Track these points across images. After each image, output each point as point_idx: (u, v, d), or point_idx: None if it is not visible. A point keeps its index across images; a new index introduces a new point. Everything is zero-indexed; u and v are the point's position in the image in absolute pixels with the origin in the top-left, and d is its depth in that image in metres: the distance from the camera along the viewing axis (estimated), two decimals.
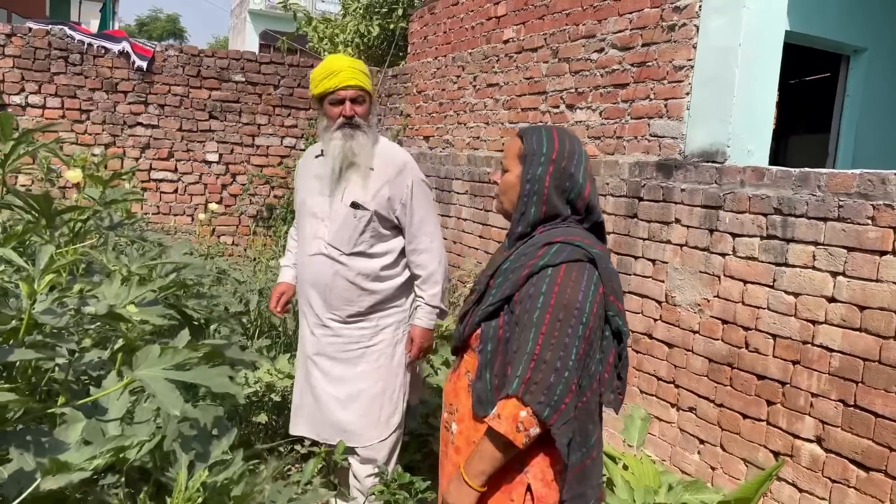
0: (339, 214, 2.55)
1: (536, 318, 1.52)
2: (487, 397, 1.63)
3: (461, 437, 1.71)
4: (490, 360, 1.63)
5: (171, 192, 6.84)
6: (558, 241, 1.61)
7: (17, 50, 6.11)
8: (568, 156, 1.67)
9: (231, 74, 6.86)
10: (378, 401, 2.58)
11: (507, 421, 1.50)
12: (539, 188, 1.65)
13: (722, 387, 3.14)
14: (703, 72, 3.63)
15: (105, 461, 1.06)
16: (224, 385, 1.31)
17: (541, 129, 1.72)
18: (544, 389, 1.48)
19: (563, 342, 1.50)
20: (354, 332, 2.57)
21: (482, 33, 5.65)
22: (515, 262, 1.64)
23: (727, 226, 3.13)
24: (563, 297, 1.52)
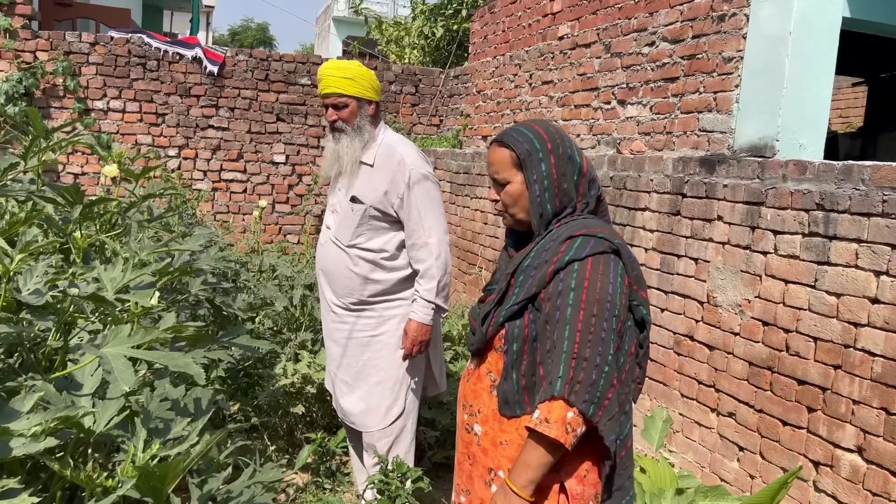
0: (342, 208, 2.68)
1: (570, 316, 1.49)
2: (515, 398, 1.60)
3: (486, 439, 1.68)
4: (516, 360, 1.60)
5: (240, 192, 7.10)
6: (580, 234, 1.58)
7: (99, 58, 6.50)
8: (560, 141, 1.65)
9: (297, 78, 7.06)
10: (378, 390, 2.63)
11: (556, 424, 1.46)
12: (549, 183, 1.62)
13: (762, 392, 2.99)
14: (753, 63, 3.47)
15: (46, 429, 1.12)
16: (185, 366, 1.35)
17: (521, 130, 1.67)
18: (588, 387, 1.46)
19: (600, 337, 1.48)
20: (360, 321, 2.65)
21: (538, 30, 5.60)
22: (537, 259, 1.61)
23: (769, 223, 2.98)
24: (594, 292, 1.50)
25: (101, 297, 1.49)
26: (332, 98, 2.61)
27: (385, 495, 2.10)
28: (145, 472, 1.09)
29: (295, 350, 3.83)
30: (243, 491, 1.40)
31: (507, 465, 1.62)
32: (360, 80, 2.60)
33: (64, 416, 1.13)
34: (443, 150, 6.74)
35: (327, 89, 2.60)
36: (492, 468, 1.67)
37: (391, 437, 2.65)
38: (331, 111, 2.63)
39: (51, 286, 1.54)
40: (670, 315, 3.56)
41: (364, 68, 2.66)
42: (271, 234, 7.23)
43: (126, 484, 1.10)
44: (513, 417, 1.61)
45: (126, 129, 6.66)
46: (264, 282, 4.20)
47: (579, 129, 4.88)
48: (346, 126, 2.62)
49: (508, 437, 1.63)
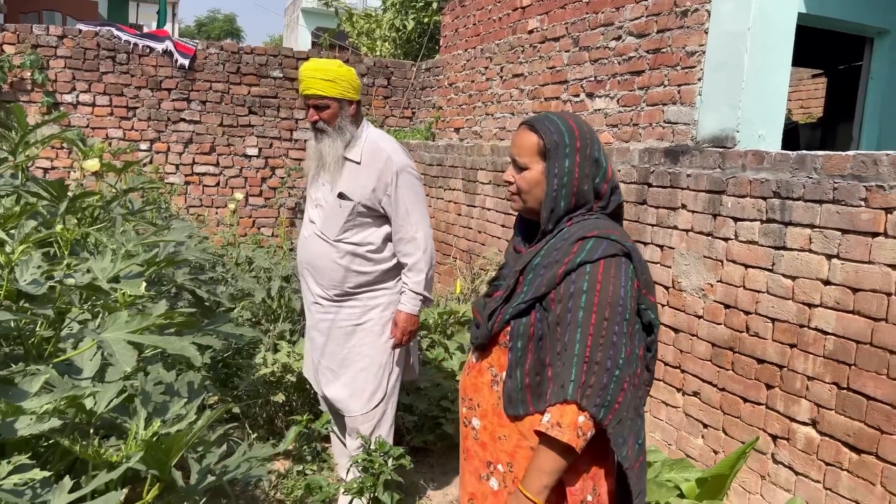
0: (329, 204, 2.74)
1: (582, 319, 1.49)
2: (518, 396, 1.60)
3: (485, 433, 1.68)
4: (521, 357, 1.59)
5: (213, 186, 7.11)
6: (592, 235, 1.56)
7: (68, 51, 6.45)
8: (590, 142, 1.62)
9: (269, 70, 7.08)
10: (362, 376, 2.73)
11: (569, 429, 1.46)
12: (569, 181, 1.59)
13: (724, 371, 3.14)
14: (715, 57, 3.62)
15: (56, 406, 1.19)
16: (181, 349, 1.43)
17: (555, 120, 1.64)
18: (599, 391, 1.46)
19: (612, 341, 1.47)
20: (345, 311, 2.74)
21: (508, 24, 5.71)
22: (547, 258, 1.59)
23: (729, 210, 3.13)
24: (605, 295, 1.49)
25: (97, 287, 1.56)
26: (313, 99, 2.66)
27: (369, 472, 2.20)
28: (151, 445, 1.17)
29: (274, 340, 3.90)
30: (240, 464, 1.49)
31: (507, 459, 1.63)
32: (341, 81, 2.65)
33: (72, 395, 1.21)
34: (416, 143, 6.82)
35: (308, 91, 2.65)
36: (490, 462, 1.67)
37: (374, 421, 2.75)
38: (312, 112, 2.68)
39: (47, 276, 1.60)
40: None
41: (345, 68, 2.70)
42: (245, 227, 7.26)
43: (134, 457, 1.19)
44: (515, 417, 1.60)
45: (96, 122, 6.63)
46: (242, 274, 4.25)
47: None
48: (327, 127, 2.68)
49: (507, 432, 1.63)
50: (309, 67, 2.68)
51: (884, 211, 2.47)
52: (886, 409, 2.45)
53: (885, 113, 4.06)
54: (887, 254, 2.45)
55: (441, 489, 3.35)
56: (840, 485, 2.61)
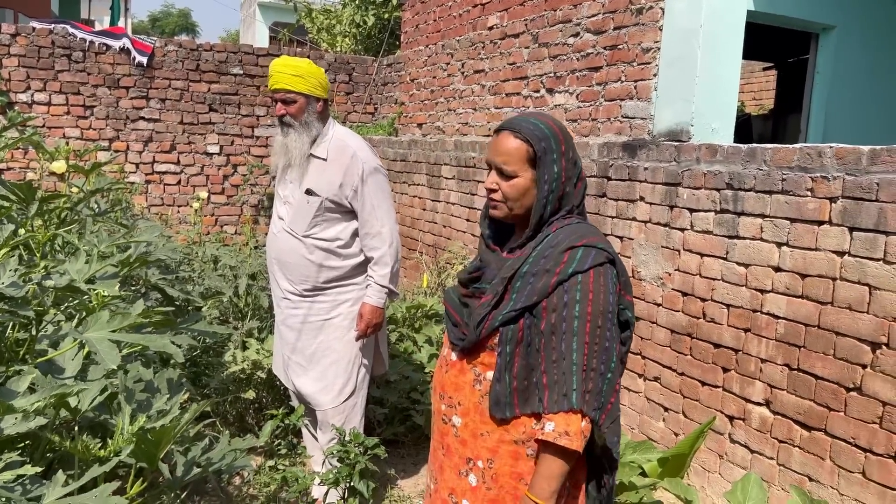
0: (296, 200, 2.79)
1: (577, 328, 1.54)
2: (506, 399, 1.62)
3: (466, 430, 1.70)
4: (509, 362, 1.61)
5: (174, 184, 7.05)
6: (581, 244, 1.59)
7: (21, 49, 6.33)
8: (569, 143, 1.65)
9: (229, 67, 7.04)
10: (332, 370, 2.79)
11: (576, 437, 1.51)
12: (557, 186, 1.62)
13: (683, 356, 3.27)
14: (669, 53, 3.74)
15: (45, 404, 1.23)
16: (162, 346, 1.48)
17: (538, 124, 1.64)
18: (596, 395, 1.52)
19: (605, 347, 1.54)
20: (314, 306, 2.79)
21: (469, 20, 5.78)
22: (535, 266, 1.61)
23: (685, 202, 3.26)
24: (598, 304, 1.55)
25: (76, 288, 1.59)
26: (280, 94, 2.73)
27: (345, 463, 2.26)
28: (141, 438, 1.22)
29: (242, 338, 3.92)
30: (225, 455, 1.53)
31: (487, 456, 1.66)
32: (310, 77, 2.73)
33: (59, 393, 1.25)
34: (379, 138, 6.86)
35: (277, 85, 2.72)
36: (470, 458, 1.70)
37: (344, 414, 2.81)
38: (279, 106, 2.75)
39: (25, 279, 1.63)
40: None
41: (315, 67, 2.78)
42: (208, 225, 7.21)
43: (125, 450, 1.23)
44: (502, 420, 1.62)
45: (53, 122, 6.52)
46: (208, 272, 4.26)
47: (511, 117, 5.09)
48: (293, 121, 2.74)
49: (489, 429, 1.65)
50: (279, 62, 2.75)
51: (828, 200, 2.61)
52: (834, 388, 2.60)
53: (830, 106, 4.24)
54: (832, 241, 2.59)
55: (411, 478, 3.42)
56: (792, 460, 2.75)
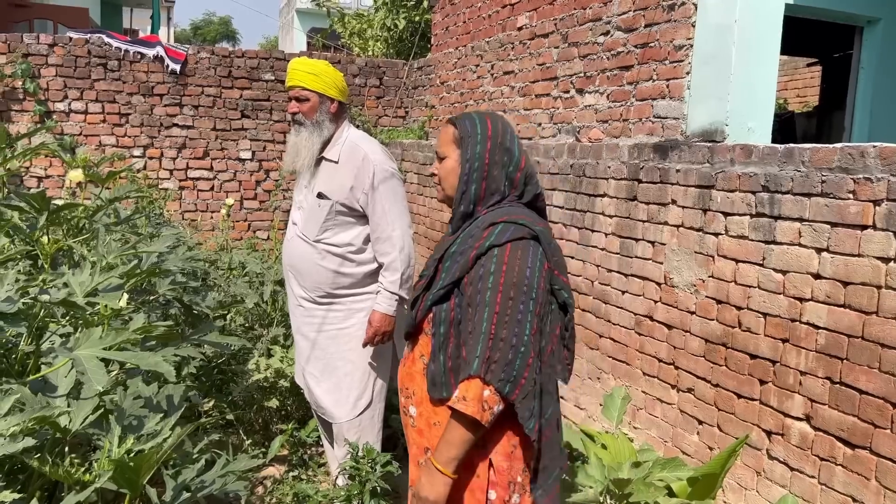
0: (308, 204, 2.74)
1: (489, 298, 1.56)
2: (441, 379, 1.66)
3: (421, 420, 1.75)
4: (443, 342, 1.66)
5: (207, 190, 7.10)
6: (502, 220, 1.65)
7: (59, 59, 6.44)
8: (502, 132, 1.74)
9: (261, 73, 7.06)
10: (346, 381, 2.72)
11: (473, 402, 1.53)
12: (479, 165, 1.70)
13: (717, 367, 3.13)
14: (703, 50, 3.59)
15: (24, 429, 1.18)
16: (155, 364, 1.42)
17: (472, 115, 1.78)
18: (504, 366, 1.52)
19: (517, 318, 1.54)
20: (329, 315, 2.73)
21: (498, 21, 5.68)
22: (462, 245, 1.68)
23: (719, 205, 3.11)
24: (511, 276, 1.57)
25: (71, 303, 1.55)
26: (295, 91, 2.71)
27: (356, 480, 2.19)
28: (121, 464, 1.16)
29: (267, 345, 3.89)
30: (216, 480, 1.47)
31: None
32: (325, 76, 2.69)
33: (40, 416, 1.20)
34: (409, 142, 6.80)
35: (291, 82, 2.71)
36: (427, 448, 1.73)
37: (360, 428, 2.74)
38: (293, 103, 2.73)
39: (22, 293, 1.59)
40: (630, 297, 3.69)
41: (332, 68, 2.76)
42: (241, 230, 7.25)
43: (103, 476, 1.17)
44: (440, 399, 1.66)
45: (89, 130, 6.62)
46: (234, 279, 4.24)
47: (541, 118, 4.98)
48: (305, 119, 2.71)
49: (440, 418, 1.68)
50: (296, 61, 2.75)
51: (872, 203, 2.45)
52: (879, 403, 2.44)
53: (875, 103, 4.03)
54: (876, 246, 2.43)
55: None
56: (835, 480, 2.59)
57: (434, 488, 1.59)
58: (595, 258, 4.00)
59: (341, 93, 2.75)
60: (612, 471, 2.18)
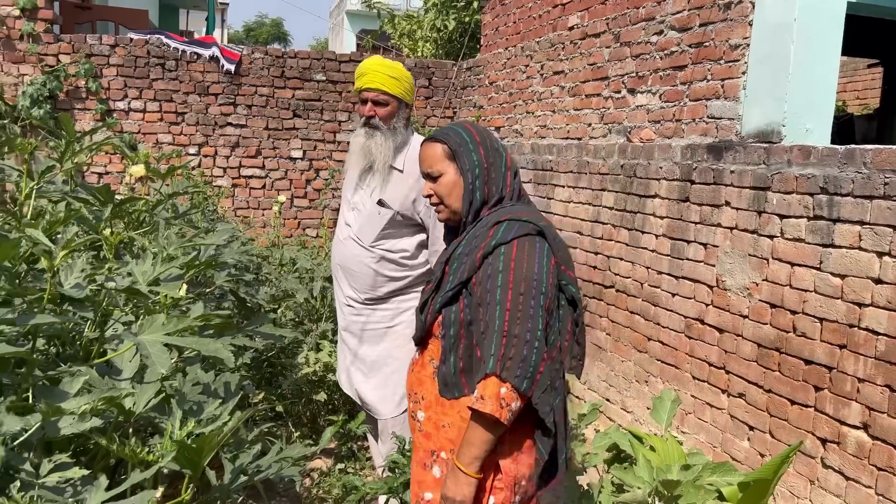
0: (367, 209, 2.71)
1: (500, 297, 1.57)
2: (453, 380, 1.67)
3: (429, 423, 1.75)
4: (454, 343, 1.67)
5: (259, 188, 7.23)
6: (505, 219, 1.66)
7: (120, 59, 6.65)
8: (488, 136, 1.78)
9: (313, 74, 7.17)
10: (393, 378, 2.73)
11: (490, 400, 1.53)
12: (480, 171, 1.72)
13: (770, 372, 3.06)
14: (759, 50, 3.52)
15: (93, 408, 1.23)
16: (215, 350, 1.47)
17: (451, 127, 1.79)
18: (519, 363, 1.52)
19: (529, 314, 1.54)
20: (376, 314, 2.74)
21: (549, 21, 5.66)
22: (468, 246, 1.69)
23: (774, 207, 3.05)
24: (520, 272, 1.57)
25: (136, 290, 1.61)
26: (374, 93, 2.60)
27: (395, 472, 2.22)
28: (183, 445, 1.20)
29: (316, 340, 3.95)
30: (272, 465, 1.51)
31: (449, 447, 1.69)
32: (404, 81, 2.62)
33: (108, 396, 1.25)
34: None
35: (372, 84, 2.59)
36: (434, 450, 1.73)
37: (404, 424, 2.75)
38: (370, 106, 2.62)
39: (90, 280, 1.66)
40: (681, 299, 3.64)
41: (407, 71, 2.67)
42: (291, 228, 7.37)
43: (167, 456, 1.22)
44: (452, 400, 1.67)
45: (147, 128, 6.81)
46: (285, 275, 4.32)
47: (591, 119, 4.95)
48: (381, 124, 2.62)
49: (450, 420, 1.69)
50: (374, 61, 2.63)
51: None
52: None
53: None
54: None
55: None
56: (893, 490, 2.51)
57: (460, 489, 1.59)
58: (645, 260, 3.95)
59: (413, 98, 2.70)
60: (661, 472, 2.16)
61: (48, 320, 1.39)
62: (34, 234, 1.46)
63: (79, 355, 1.73)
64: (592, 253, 4.47)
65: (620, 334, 4.18)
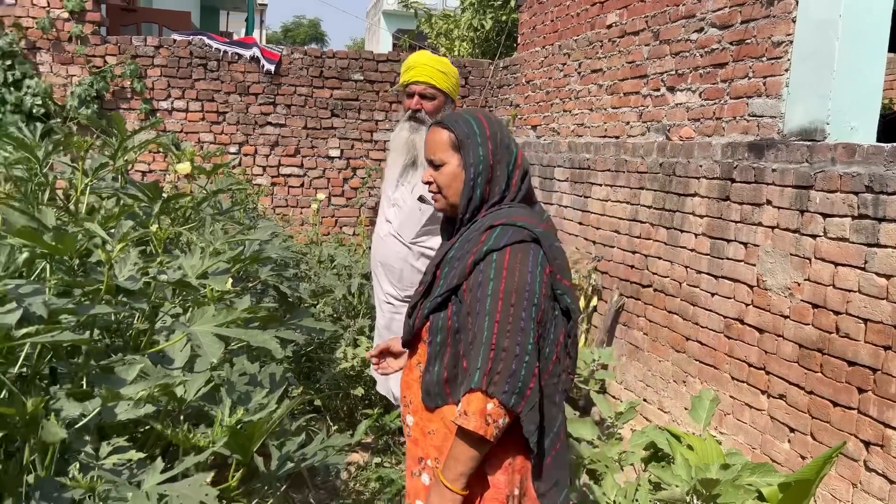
0: (407, 205, 2.71)
1: (489, 306, 1.49)
2: (435, 390, 1.60)
3: (416, 429, 1.69)
4: (439, 351, 1.59)
5: (297, 187, 7.34)
6: (500, 223, 1.57)
7: (164, 60, 6.81)
8: (499, 129, 1.66)
9: (350, 73, 7.25)
10: None
11: (475, 416, 1.45)
12: (484, 168, 1.62)
13: (812, 373, 3.02)
14: (803, 47, 3.47)
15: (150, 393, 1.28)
16: (264, 341, 1.51)
17: (463, 115, 1.68)
18: (507, 378, 1.45)
19: (519, 327, 1.47)
20: None
21: (586, 19, 5.64)
22: (460, 250, 1.61)
23: (818, 206, 3.01)
24: (512, 282, 1.49)
25: (186, 283, 1.67)
26: (421, 86, 2.58)
27: None
28: (235, 431, 1.25)
29: (354, 335, 4.01)
30: (317, 452, 1.55)
31: (435, 454, 1.62)
32: (452, 77, 2.62)
33: (164, 383, 1.30)
34: None
35: (420, 77, 2.58)
36: (421, 457, 1.67)
37: None
38: (416, 99, 2.60)
39: (142, 273, 1.72)
40: (720, 299, 3.60)
41: (454, 67, 2.65)
42: (328, 226, 7.46)
43: (219, 441, 1.26)
44: (435, 409, 1.61)
45: (189, 127, 6.96)
46: (324, 271, 4.39)
47: (629, 117, 4.92)
48: (427, 118, 2.61)
49: (435, 427, 1.62)
50: (423, 55, 2.63)
51: None
52: None
53: None
54: None
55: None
56: None
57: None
58: (683, 259, 3.92)
59: (458, 95, 2.70)
60: (700, 471, 2.15)
61: (106, 310, 1.45)
62: (92, 227, 1.52)
63: (129, 346, 1.80)
64: (630, 252, 4.45)
65: (658, 334, 4.15)
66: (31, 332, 1.16)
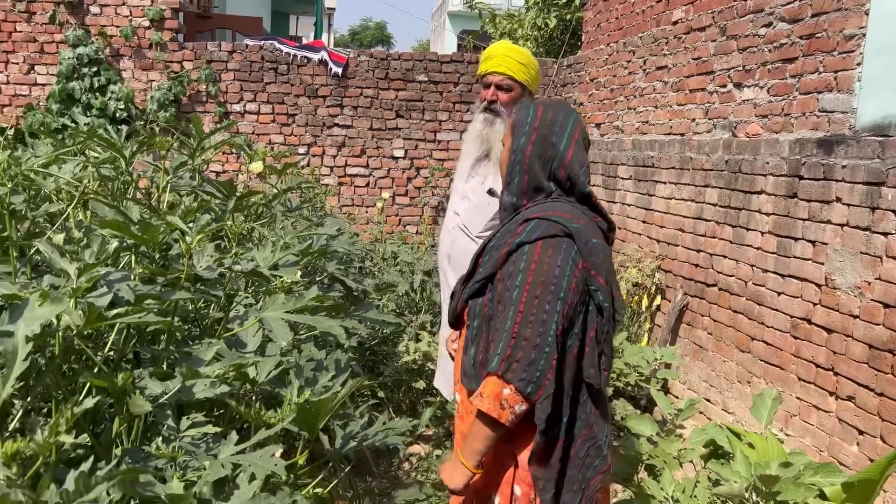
0: (476, 198, 2.73)
1: (515, 297, 1.53)
2: (471, 371, 1.67)
3: (463, 406, 1.77)
4: (475, 335, 1.66)
5: (363, 186, 7.51)
6: (535, 217, 1.61)
7: (237, 64, 7.08)
8: (550, 124, 1.67)
9: (415, 75, 7.37)
10: None
11: (489, 399, 1.51)
12: (521, 158, 1.67)
13: (883, 375, 2.94)
14: (877, 40, 3.37)
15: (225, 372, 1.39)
16: (328, 327, 1.60)
17: (533, 102, 1.75)
18: (525, 366, 1.49)
19: (542, 318, 1.50)
20: None
21: (652, 16, 5.59)
22: (500, 240, 1.66)
23: (890, 203, 2.92)
24: (539, 275, 1.52)
25: (259, 273, 1.78)
26: (499, 77, 2.55)
27: None
28: (303, 408, 1.34)
29: (416, 330, 4.10)
30: (378, 433, 1.64)
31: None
32: (531, 68, 2.59)
33: (238, 364, 1.40)
34: None
35: (499, 68, 2.54)
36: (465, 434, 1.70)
37: None
38: (493, 90, 2.57)
39: (218, 264, 1.84)
40: (787, 298, 3.53)
41: (534, 59, 2.62)
42: (392, 224, 7.60)
43: (287, 418, 1.36)
44: (470, 391, 1.65)
45: (260, 129, 7.22)
46: (387, 268, 4.50)
47: (695, 114, 4.86)
48: (503, 110, 2.58)
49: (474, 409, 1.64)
50: (503, 45, 2.60)
51: None
52: None
53: None
54: None
55: None
56: None
57: (452, 478, 1.60)
58: (749, 257, 3.86)
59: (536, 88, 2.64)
60: (760, 468, 2.14)
61: (186, 296, 1.57)
62: (174, 220, 1.64)
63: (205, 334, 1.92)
64: (695, 251, 4.40)
65: (723, 334, 4.09)
66: (120, 312, 1.28)
